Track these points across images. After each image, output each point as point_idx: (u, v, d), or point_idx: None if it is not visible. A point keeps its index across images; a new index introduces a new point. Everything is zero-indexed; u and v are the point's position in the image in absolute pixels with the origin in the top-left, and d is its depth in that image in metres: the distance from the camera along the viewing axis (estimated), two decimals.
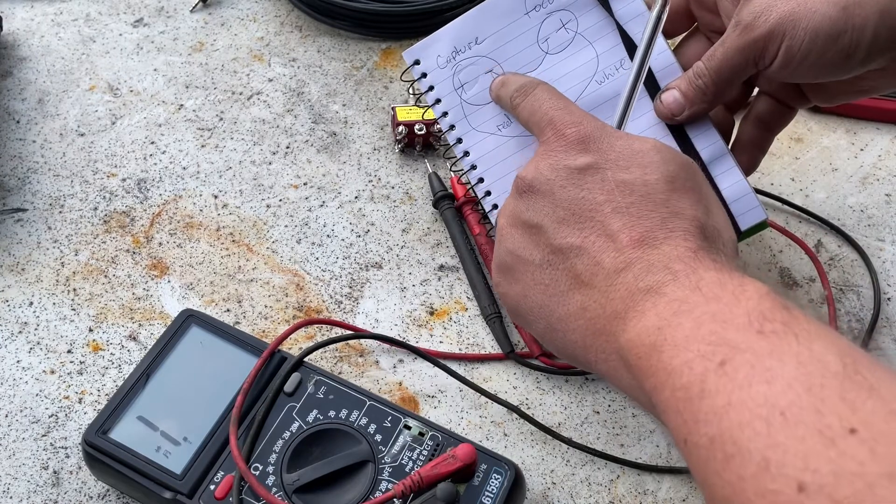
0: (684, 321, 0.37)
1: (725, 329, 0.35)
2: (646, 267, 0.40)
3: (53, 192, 0.65)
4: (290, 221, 0.64)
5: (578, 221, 0.43)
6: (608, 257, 0.41)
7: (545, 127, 0.47)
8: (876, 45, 0.47)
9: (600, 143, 0.44)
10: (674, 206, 0.42)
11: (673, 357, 0.36)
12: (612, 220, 0.42)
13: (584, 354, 0.43)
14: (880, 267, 0.63)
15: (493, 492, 0.47)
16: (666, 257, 0.40)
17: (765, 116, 0.56)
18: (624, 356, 0.39)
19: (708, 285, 0.38)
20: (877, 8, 0.46)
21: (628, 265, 0.40)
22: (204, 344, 0.53)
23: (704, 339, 0.35)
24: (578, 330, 0.42)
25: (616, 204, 0.42)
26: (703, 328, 0.36)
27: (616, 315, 0.40)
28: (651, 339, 0.37)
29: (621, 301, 0.40)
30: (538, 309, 0.44)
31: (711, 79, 0.51)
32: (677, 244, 0.40)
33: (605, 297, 0.41)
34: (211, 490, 0.47)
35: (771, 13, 0.48)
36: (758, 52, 0.49)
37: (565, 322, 0.43)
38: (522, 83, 0.51)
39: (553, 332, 0.44)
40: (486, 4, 0.56)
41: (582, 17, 0.56)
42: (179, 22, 0.77)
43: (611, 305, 0.40)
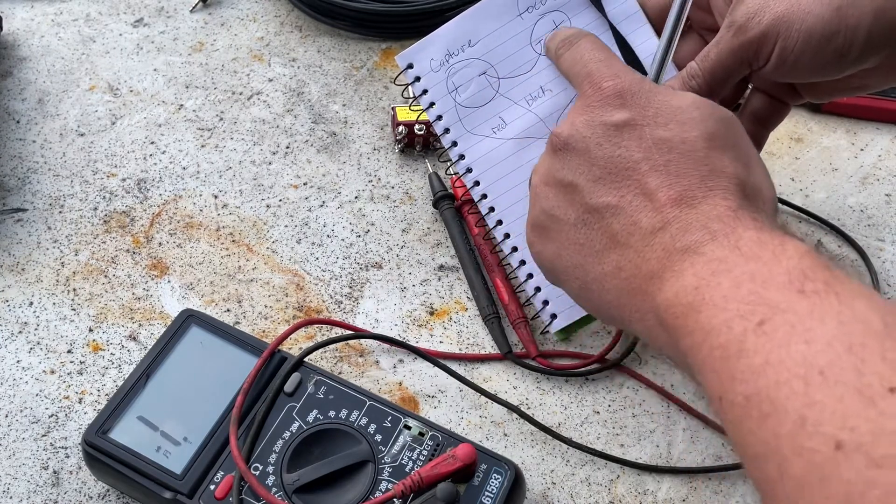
0: (723, 280, 0.36)
1: (765, 288, 0.35)
2: (683, 226, 0.39)
3: (53, 192, 0.65)
4: (290, 221, 0.64)
5: (615, 180, 0.42)
6: (645, 216, 0.41)
7: (583, 79, 0.46)
8: (870, 45, 0.47)
9: (638, 98, 0.43)
10: (713, 163, 0.41)
11: (711, 317, 0.35)
12: (650, 178, 0.41)
13: (619, 313, 0.42)
14: (880, 267, 0.63)
15: (493, 492, 0.47)
16: (704, 216, 0.39)
17: (759, 113, 0.56)
18: (660, 315, 0.39)
19: (747, 244, 0.37)
20: (870, 8, 0.46)
21: (665, 224, 0.40)
22: (204, 344, 0.53)
23: (743, 299, 0.35)
24: (613, 290, 0.42)
25: (654, 162, 0.41)
26: (743, 288, 0.35)
27: (652, 274, 0.39)
28: (688, 299, 0.37)
29: (658, 261, 0.39)
30: (573, 268, 0.44)
31: (705, 79, 0.51)
32: (716, 203, 0.39)
33: (641, 256, 0.40)
34: (211, 490, 0.47)
35: (764, 14, 0.48)
36: (751, 53, 0.49)
37: (600, 282, 0.42)
38: (568, 34, 0.51)
39: (588, 292, 0.44)
40: (478, 6, 0.56)
41: (575, 18, 0.56)
42: (179, 22, 0.77)
43: (647, 265, 0.40)
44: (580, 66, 0.47)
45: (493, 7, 0.56)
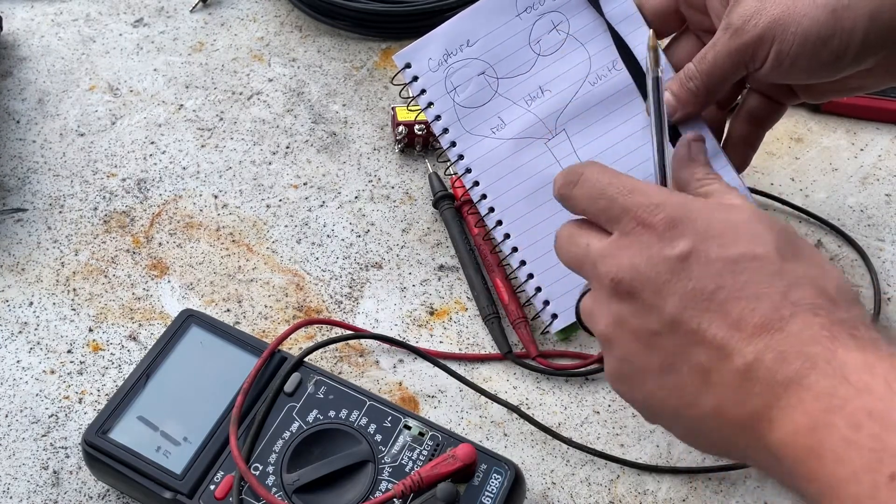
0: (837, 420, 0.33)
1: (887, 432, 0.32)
2: (778, 356, 0.36)
3: (53, 192, 0.65)
4: (290, 221, 0.64)
5: (693, 316, 0.38)
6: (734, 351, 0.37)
7: (621, 216, 0.41)
8: (865, 47, 0.48)
9: (694, 223, 0.39)
10: (789, 276, 0.37)
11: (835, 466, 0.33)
12: (730, 306, 0.37)
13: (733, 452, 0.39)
14: (880, 267, 0.63)
15: (493, 492, 0.47)
16: (798, 341, 0.36)
17: (755, 113, 0.56)
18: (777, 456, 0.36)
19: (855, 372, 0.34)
20: (866, 11, 0.47)
21: (758, 356, 0.36)
22: (204, 344, 0.53)
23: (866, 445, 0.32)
24: (718, 430, 0.38)
25: (729, 288, 0.38)
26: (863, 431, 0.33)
27: (757, 415, 0.36)
28: (805, 442, 0.34)
29: (760, 398, 0.36)
30: (670, 416, 0.41)
31: (703, 81, 0.51)
32: (807, 321, 0.36)
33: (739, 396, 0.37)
34: (211, 490, 0.47)
35: (761, 17, 0.48)
36: (748, 55, 0.49)
37: (703, 424, 0.39)
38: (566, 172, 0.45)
39: (695, 436, 0.41)
40: (477, 6, 0.56)
41: (573, 19, 0.56)
42: (179, 22, 0.77)
43: (749, 404, 0.37)
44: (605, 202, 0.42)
45: (492, 7, 0.56)
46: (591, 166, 0.44)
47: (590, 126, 0.56)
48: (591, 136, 0.56)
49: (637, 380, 0.41)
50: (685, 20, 0.56)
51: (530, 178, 0.56)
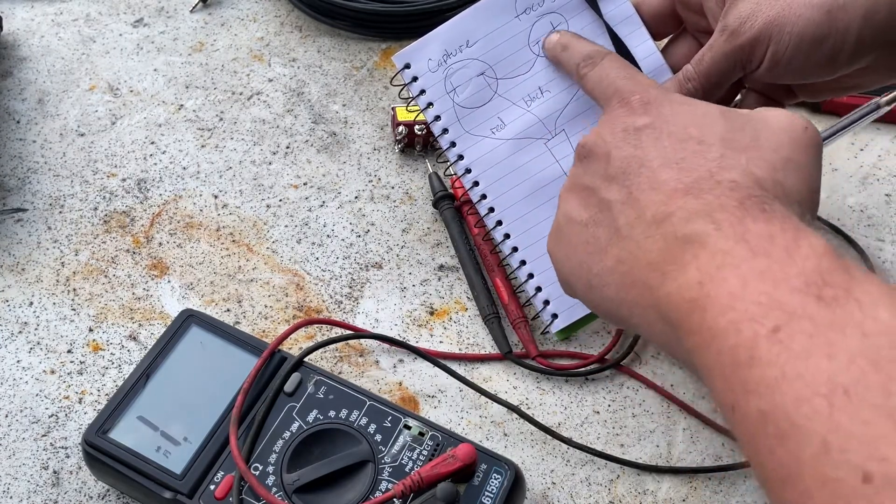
0: (729, 276, 0.34)
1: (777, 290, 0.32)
2: (686, 215, 0.38)
3: (53, 192, 0.65)
4: (290, 221, 0.64)
5: (627, 177, 0.41)
6: (649, 208, 0.39)
7: (611, 96, 0.46)
8: (860, 46, 0.48)
9: (662, 106, 0.43)
10: (727, 161, 0.39)
11: (717, 316, 0.33)
12: (660, 172, 0.40)
13: (619, 309, 0.41)
14: (880, 267, 0.63)
15: (493, 492, 0.47)
16: (708, 206, 0.37)
17: None
18: (662, 311, 0.37)
19: (755, 238, 0.35)
20: (860, 11, 0.47)
21: (669, 214, 0.38)
22: (204, 344, 0.53)
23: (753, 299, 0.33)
24: (613, 284, 0.41)
25: (667, 158, 0.41)
26: (751, 286, 0.33)
27: (652, 265, 0.38)
28: (692, 295, 0.35)
29: (658, 251, 0.38)
30: (578, 268, 0.43)
31: (700, 82, 0.52)
32: (722, 192, 0.38)
33: (641, 247, 0.39)
34: (211, 490, 0.47)
35: (756, 18, 0.49)
36: (744, 56, 0.50)
37: (601, 277, 0.41)
38: (588, 52, 0.51)
39: (591, 290, 0.43)
40: (476, 7, 0.56)
41: (572, 20, 0.56)
42: (179, 22, 0.77)
43: (646, 256, 0.38)
44: (607, 84, 0.47)
45: (491, 8, 0.56)
46: (611, 55, 0.50)
47: (589, 127, 0.56)
48: None
49: (565, 233, 0.44)
50: (682, 21, 0.56)
51: (530, 178, 0.56)
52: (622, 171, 0.42)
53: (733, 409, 0.32)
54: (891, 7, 0.47)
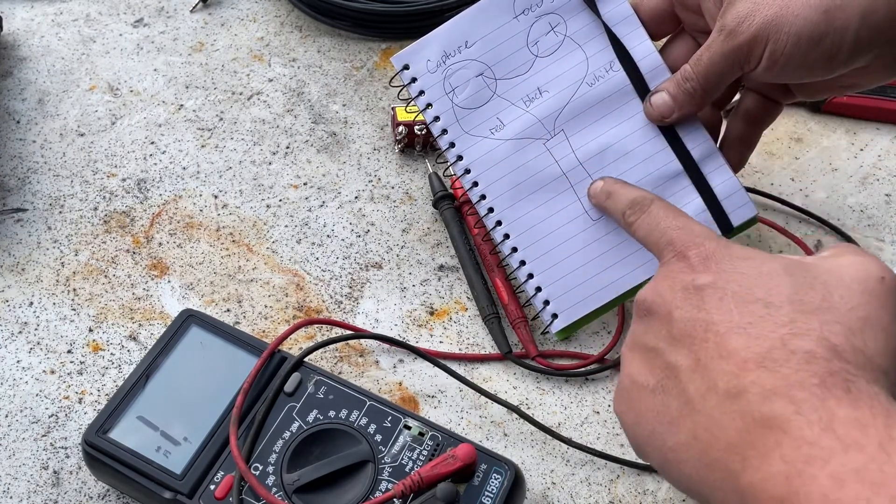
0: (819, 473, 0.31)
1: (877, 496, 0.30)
2: (762, 392, 0.35)
3: (53, 192, 0.65)
4: (290, 221, 0.64)
5: (693, 342, 0.38)
6: (721, 379, 0.36)
7: (664, 248, 0.44)
8: (858, 46, 0.48)
9: (723, 263, 0.40)
10: (799, 326, 0.36)
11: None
12: (729, 339, 0.37)
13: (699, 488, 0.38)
14: None
15: (493, 492, 0.47)
16: (786, 381, 0.34)
17: (752, 112, 0.57)
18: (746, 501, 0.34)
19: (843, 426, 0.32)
20: (858, 10, 0.47)
21: (743, 390, 0.35)
22: (204, 344, 0.53)
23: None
24: (690, 461, 0.37)
25: (734, 323, 0.37)
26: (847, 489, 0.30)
27: (732, 448, 0.35)
28: (780, 492, 0.32)
29: (737, 432, 0.35)
30: (650, 437, 0.40)
31: (699, 82, 0.52)
32: (798, 366, 0.35)
33: (717, 425, 0.36)
34: (211, 490, 0.47)
35: (754, 18, 0.48)
36: (743, 56, 0.50)
37: (677, 452, 0.38)
38: (634, 198, 0.49)
39: (668, 465, 0.39)
40: (475, 8, 0.56)
41: (570, 21, 0.56)
42: (179, 22, 0.77)
43: (725, 436, 0.35)
44: (658, 234, 0.45)
45: (490, 9, 0.56)
46: (659, 200, 0.48)
47: (588, 127, 0.56)
48: (589, 136, 0.56)
49: (633, 397, 0.41)
50: (680, 21, 0.56)
51: (529, 178, 0.56)
52: (687, 334, 0.39)
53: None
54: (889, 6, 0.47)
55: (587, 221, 0.56)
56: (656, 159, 0.55)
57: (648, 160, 0.55)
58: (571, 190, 0.56)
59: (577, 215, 0.56)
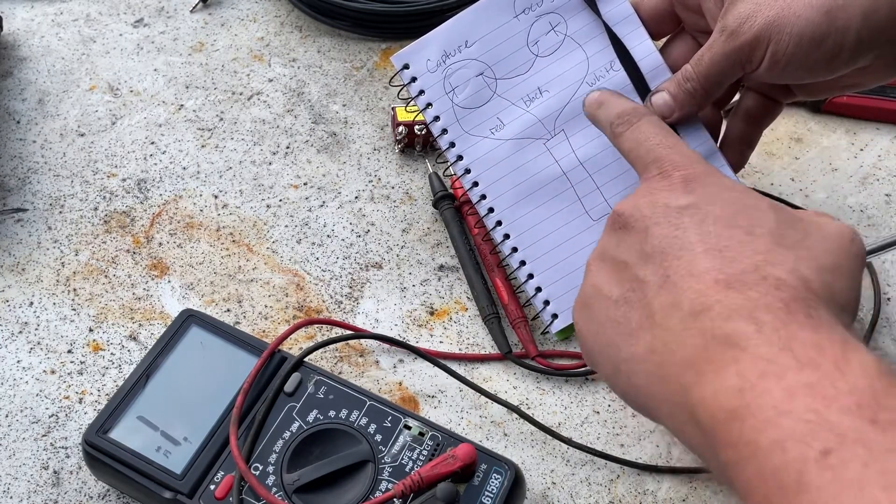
0: (773, 387, 0.32)
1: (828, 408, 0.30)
2: (726, 311, 0.35)
3: (53, 192, 0.65)
4: (290, 221, 0.64)
5: (665, 258, 0.39)
6: (687, 297, 0.36)
7: (650, 164, 0.44)
8: (859, 46, 0.48)
9: (708, 188, 0.41)
10: (776, 256, 0.37)
11: (760, 431, 0.31)
12: (702, 259, 0.37)
13: (647, 402, 0.38)
14: (880, 267, 0.63)
15: (493, 492, 0.48)
16: (751, 303, 0.35)
17: (752, 112, 0.57)
18: (695, 415, 0.35)
19: (802, 346, 0.32)
20: (859, 11, 0.47)
21: (707, 307, 0.36)
22: (204, 344, 0.53)
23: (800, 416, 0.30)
24: (643, 373, 0.38)
25: (709, 245, 0.38)
26: (798, 401, 0.31)
27: (687, 363, 0.35)
28: (731, 403, 0.33)
29: (695, 348, 0.35)
30: (606, 347, 0.40)
31: (700, 83, 0.51)
32: (767, 290, 0.35)
33: (676, 340, 0.36)
34: (211, 490, 0.47)
35: (756, 19, 0.48)
36: (744, 56, 0.50)
37: (630, 363, 0.39)
38: (624, 109, 0.49)
39: (618, 375, 0.40)
40: (474, 8, 0.56)
41: (571, 20, 0.56)
42: (179, 22, 0.77)
43: (682, 351, 0.36)
44: (645, 150, 0.45)
45: (490, 8, 0.56)
46: (650, 115, 0.48)
47: (588, 126, 0.56)
48: (589, 136, 0.56)
49: (593, 306, 0.42)
50: (681, 21, 0.56)
51: (529, 178, 0.56)
52: (660, 250, 0.39)
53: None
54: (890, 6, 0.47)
55: (588, 221, 0.56)
56: None
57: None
58: (572, 190, 0.56)
59: (577, 215, 0.56)
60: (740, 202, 0.40)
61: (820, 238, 0.39)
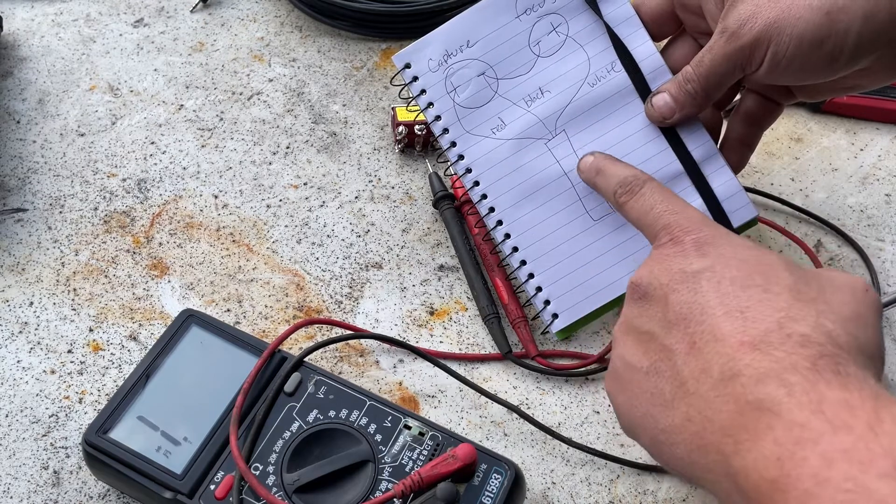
0: (809, 455, 0.32)
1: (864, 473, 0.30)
2: (756, 375, 0.35)
3: (53, 192, 0.65)
4: (291, 221, 0.64)
5: (688, 325, 0.39)
6: (716, 362, 0.37)
7: (660, 231, 0.44)
8: (859, 48, 0.48)
9: (721, 249, 0.41)
10: (796, 312, 0.37)
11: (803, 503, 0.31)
12: (724, 322, 0.37)
13: (691, 470, 0.38)
14: (880, 267, 0.63)
15: (493, 492, 0.47)
16: (779, 364, 0.35)
17: (753, 113, 0.57)
18: (739, 485, 0.35)
19: (833, 408, 0.33)
20: (860, 13, 0.47)
21: (737, 373, 0.36)
22: (204, 344, 0.53)
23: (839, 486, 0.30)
24: (682, 443, 0.38)
25: (729, 307, 0.38)
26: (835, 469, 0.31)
27: (724, 431, 0.35)
28: (771, 474, 0.33)
29: (729, 414, 0.35)
30: (643, 419, 0.40)
31: (700, 84, 0.52)
32: (793, 349, 0.35)
33: (710, 407, 0.36)
34: (211, 490, 0.47)
35: (756, 20, 0.48)
36: (744, 58, 0.50)
37: (669, 434, 0.39)
38: (626, 177, 0.49)
39: (659, 446, 0.40)
40: (476, 7, 0.56)
41: (572, 21, 0.56)
42: (179, 22, 0.77)
43: (718, 419, 0.36)
44: (653, 218, 0.45)
45: (492, 8, 0.56)
46: (652, 182, 0.48)
47: (589, 127, 0.56)
48: (590, 136, 0.56)
49: (625, 379, 0.42)
50: (681, 23, 0.56)
51: (530, 178, 0.56)
52: (682, 316, 0.39)
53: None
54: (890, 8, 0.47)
55: (588, 221, 0.56)
56: (657, 160, 0.55)
57: (649, 161, 0.55)
58: (573, 190, 0.56)
59: (578, 215, 0.56)
60: (754, 261, 0.40)
61: (835, 290, 0.39)
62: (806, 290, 0.38)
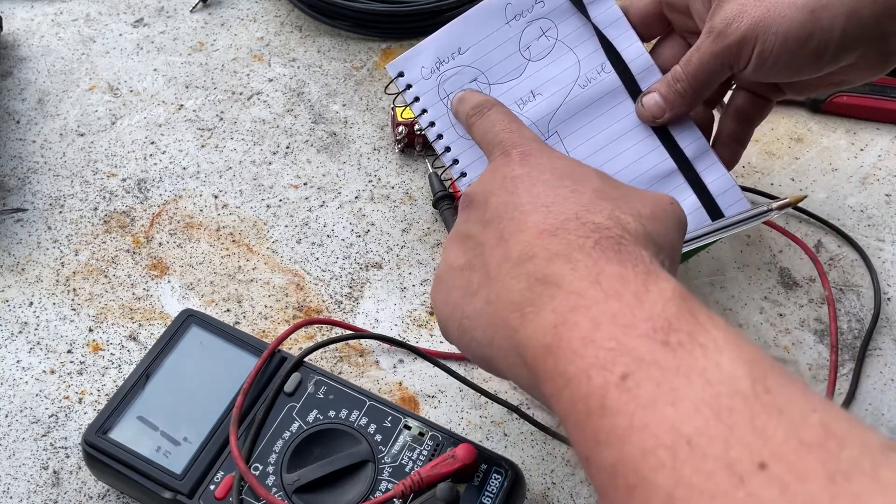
0: (580, 319, 0.34)
1: (626, 335, 0.32)
2: (547, 255, 0.37)
3: (53, 192, 0.65)
4: (290, 221, 0.64)
5: (500, 222, 0.41)
6: (516, 248, 0.39)
7: (495, 146, 0.47)
8: (844, 44, 0.49)
9: (541, 159, 0.44)
10: (595, 206, 0.39)
11: (569, 362, 0.33)
12: (530, 215, 0.40)
13: (485, 351, 0.40)
14: (880, 267, 0.63)
15: (493, 492, 0.47)
16: (568, 246, 0.37)
17: (743, 110, 0.58)
18: (522, 354, 0.37)
19: (608, 279, 0.35)
20: (843, 9, 0.48)
21: (532, 255, 0.38)
22: (204, 344, 0.53)
23: (603, 345, 0.32)
24: (481, 326, 0.40)
25: (537, 203, 0.40)
26: (602, 331, 0.33)
27: (514, 306, 0.37)
28: (547, 339, 0.35)
29: (520, 291, 0.37)
30: (452, 310, 0.43)
31: (689, 83, 0.52)
32: (583, 232, 0.38)
33: (506, 287, 0.38)
34: (211, 490, 0.47)
35: (742, 19, 0.49)
36: (732, 57, 0.51)
37: (471, 319, 0.41)
38: (478, 102, 0.51)
39: (462, 333, 0.42)
40: (467, 15, 0.57)
41: (561, 25, 0.57)
42: (179, 22, 0.77)
43: (510, 295, 0.38)
44: (492, 136, 0.48)
45: (482, 15, 0.57)
46: (499, 105, 0.51)
47: (581, 128, 0.56)
48: (582, 137, 0.56)
49: (445, 279, 0.44)
50: (669, 23, 0.57)
51: None
52: (497, 215, 0.42)
53: (588, 460, 0.32)
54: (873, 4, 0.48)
55: None
56: (650, 158, 0.55)
57: (642, 159, 0.55)
58: None
59: None
60: (568, 168, 0.43)
61: (639, 196, 0.42)
62: (610, 192, 0.41)
